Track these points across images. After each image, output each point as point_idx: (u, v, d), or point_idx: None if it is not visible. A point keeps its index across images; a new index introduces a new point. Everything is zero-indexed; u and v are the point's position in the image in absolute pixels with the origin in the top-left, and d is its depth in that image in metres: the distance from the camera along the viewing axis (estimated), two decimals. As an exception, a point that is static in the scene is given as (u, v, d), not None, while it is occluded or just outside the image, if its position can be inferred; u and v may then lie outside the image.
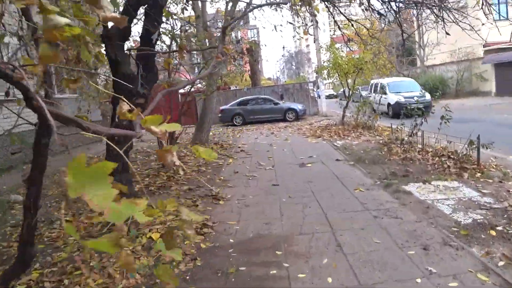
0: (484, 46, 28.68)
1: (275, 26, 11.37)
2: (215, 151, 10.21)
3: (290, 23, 11.24)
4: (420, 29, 31.72)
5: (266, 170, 7.59)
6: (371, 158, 7.92)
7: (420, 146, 8.47)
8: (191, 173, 7.76)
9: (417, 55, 34.55)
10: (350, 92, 14.51)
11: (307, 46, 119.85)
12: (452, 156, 7.07)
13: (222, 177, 7.24)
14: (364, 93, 34.82)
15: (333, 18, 8.05)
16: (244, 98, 19.83)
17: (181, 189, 6.52)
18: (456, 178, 5.87)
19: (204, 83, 11.45)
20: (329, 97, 31.89)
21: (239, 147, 11.06)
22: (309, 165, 7.79)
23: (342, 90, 42.76)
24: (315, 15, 16.89)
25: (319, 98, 22.06)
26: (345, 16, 8.20)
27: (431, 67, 30.83)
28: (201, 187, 6.56)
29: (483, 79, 25.37)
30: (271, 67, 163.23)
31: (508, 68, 21.87)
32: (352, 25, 8.05)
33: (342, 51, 14.66)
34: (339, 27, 8.06)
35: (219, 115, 19.42)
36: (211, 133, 16.23)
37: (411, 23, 33.84)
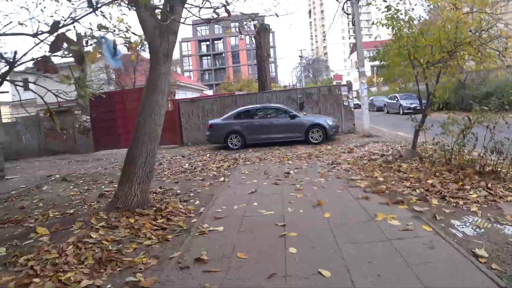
0: None
1: None
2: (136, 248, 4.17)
3: None
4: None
5: None
6: None
7: None
8: None
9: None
10: (431, 100, 7.78)
11: (325, 54, 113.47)
12: None
13: None
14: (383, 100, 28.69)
15: None
16: (245, 107, 13.29)
17: None
18: None
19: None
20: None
21: (204, 228, 4.47)
22: None
23: (370, 98, 35.67)
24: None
25: (355, 108, 15.44)
26: None
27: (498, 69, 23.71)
28: None
29: None
30: (287, 76, 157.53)
31: None
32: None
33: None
34: None
35: (207, 133, 12.97)
36: (185, 166, 9.73)
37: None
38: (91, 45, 3.94)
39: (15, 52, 3.69)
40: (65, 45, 3.27)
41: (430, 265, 3.13)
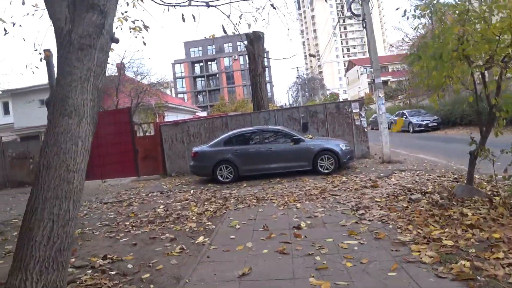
0: None
1: None
2: None
3: None
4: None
5: None
6: None
7: None
8: None
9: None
10: (494, 114, 5.47)
11: (320, 72, 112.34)
12: None
13: None
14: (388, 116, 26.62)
15: None
16: (238, 131, 10.92)
17: None
18: None
19: None
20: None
21: None
22: None
23: (373, 116, 32.71)
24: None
25: (369, 127, 13.16)
26: None
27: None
28: None
29: None
30: (283, 96, 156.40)
31: None
32: None
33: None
34: None
35: (191, 163, 10.61)
36: (158, 209, 7.28)
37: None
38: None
39: None
40: None
41: None
